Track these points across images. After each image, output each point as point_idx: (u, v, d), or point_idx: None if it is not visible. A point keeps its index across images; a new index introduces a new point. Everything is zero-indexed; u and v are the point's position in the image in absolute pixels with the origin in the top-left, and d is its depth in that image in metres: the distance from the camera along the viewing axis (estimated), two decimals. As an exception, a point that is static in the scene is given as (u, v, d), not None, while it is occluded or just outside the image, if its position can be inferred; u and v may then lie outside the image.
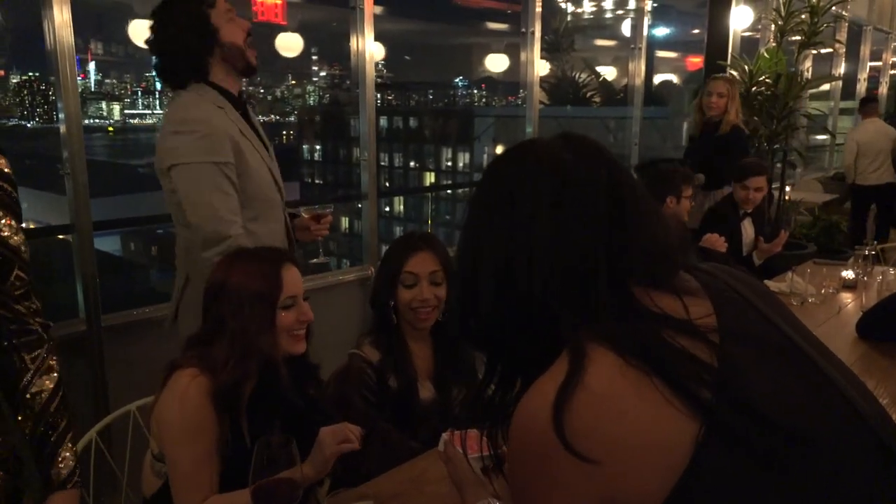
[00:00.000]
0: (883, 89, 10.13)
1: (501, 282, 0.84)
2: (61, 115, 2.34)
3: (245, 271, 1.53)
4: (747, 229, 3.91)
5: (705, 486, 0.71)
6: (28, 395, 1.36)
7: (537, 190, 0.84)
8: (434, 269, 1.83)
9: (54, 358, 1.45)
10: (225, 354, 1.46)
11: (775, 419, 0.73)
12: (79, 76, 2.42)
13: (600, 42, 13.27)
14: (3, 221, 1.30)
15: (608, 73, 11.82)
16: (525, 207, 0.84)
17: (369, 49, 3.36)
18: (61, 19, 2.28)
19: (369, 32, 3.35)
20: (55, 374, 1.44)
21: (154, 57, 1.93)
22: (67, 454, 1.46)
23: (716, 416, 0.71)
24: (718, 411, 0.71)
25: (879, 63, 9.94)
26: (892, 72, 10.04)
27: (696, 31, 9.22)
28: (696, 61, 9.65)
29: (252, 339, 1.47)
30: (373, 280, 2.03)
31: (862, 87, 9.27)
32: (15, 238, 1.31)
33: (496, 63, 8.94)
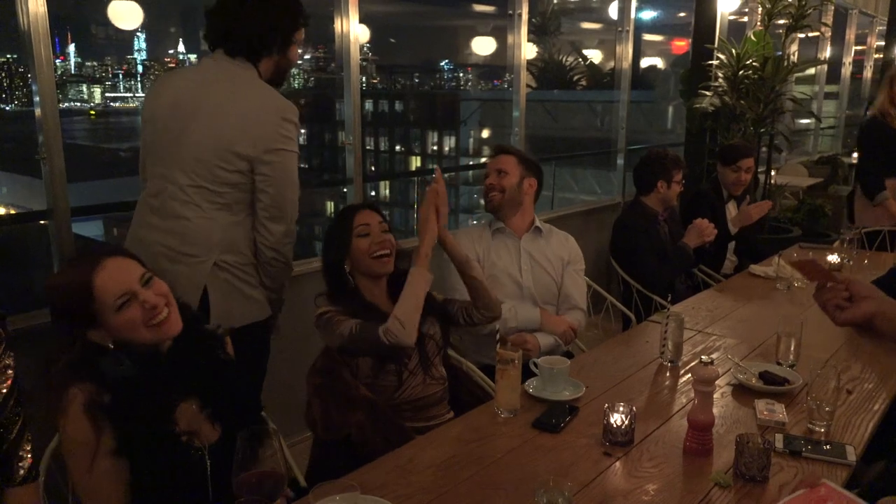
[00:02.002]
0: (867, 73, 10.16)
1: None
2: (36, 99, 2.28)
3: (56, 295, 1.44)
4: (732, 213, 3.92)
5: None
6: None
7: None
8: (381, 221, 2.06)
9: (10, 356, 1.43)
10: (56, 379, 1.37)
11: None
12: (58, 58, 2.37)
13: (586, 25, 13.18)
14: None
15: (594, 56, 11.77)
16: None
17: (354, 31, 3.31)
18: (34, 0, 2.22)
19: (354, 14, 3.29)
20: (10, 373, 1.42)
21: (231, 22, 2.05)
22: (24, 453, 1.46)
23: None
24: None
25: (864, 47, 9.96)
26: (877, 56, 10.06)
27: (683, 14, 9.19)
28: (681, 45, 9.63)
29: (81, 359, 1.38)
30: (322, 252, 2.11)
31: (847, 72, 9.29)
32: None
33: (482, 46, 8.87)
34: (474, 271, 2.11)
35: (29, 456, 1.48)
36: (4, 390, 1.43)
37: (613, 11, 5.47)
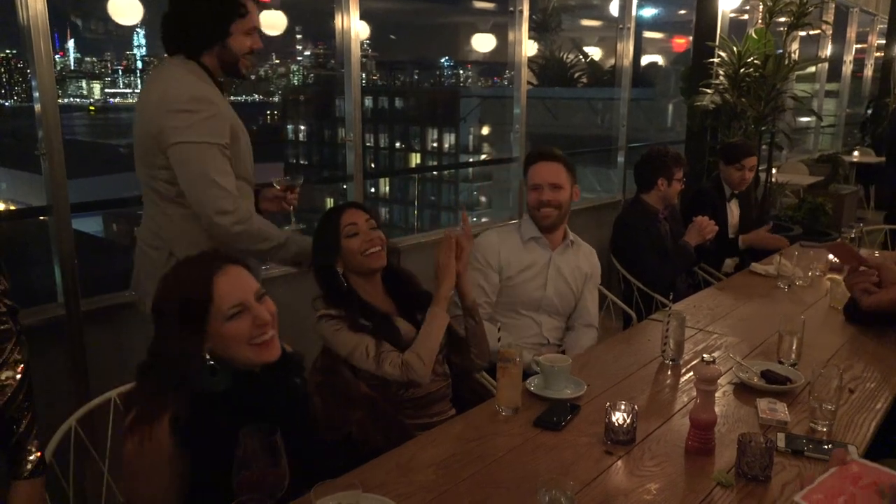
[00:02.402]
0: (868, 71, 10.15)
1: None
2: (36, 94, 2.27)
3: (172, 287, 1.39)
4: (733, 211, 3.91)
5: None
6: None
7: None
8: (367, 218, 2.02)
9: (21, 351, 1.43)
10: (154, 385, 1.32)
11: None
12: (58, 54, 2.37)
13: (587, 22, 13.15)
14: None
15: (595, 53, 11.75)
16: None
17: (355, 27, 3.29)
18: (34, -6, 2.20)
19: (354, 10, 3.28)
20: (22, 367, 1.42)
21: (167, 17, 2.01)
22: (32, 447, 1.46)
23: None
24: None
25: (865, 45, 9.95)
26: (878, 54, 10.05)
27: (684, 11, 9.17)
28: (681, 42, 9.60)
29: (178, 365, 1.32)
30: (312, 256, 2.07)
31: (847, 70, 9.28)
32: None
33: (483, 43, 8.84)
34: (477, 316, 2.09)
35: (37, 451, 1.48)
36: (14, 383, 1.42)
37: (614, 9, 5.45)
